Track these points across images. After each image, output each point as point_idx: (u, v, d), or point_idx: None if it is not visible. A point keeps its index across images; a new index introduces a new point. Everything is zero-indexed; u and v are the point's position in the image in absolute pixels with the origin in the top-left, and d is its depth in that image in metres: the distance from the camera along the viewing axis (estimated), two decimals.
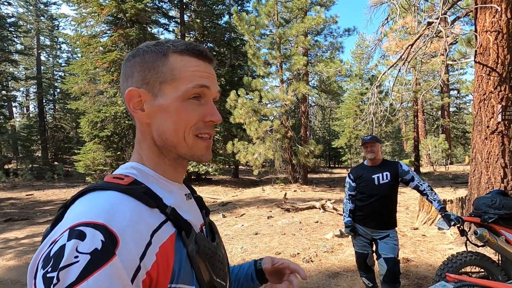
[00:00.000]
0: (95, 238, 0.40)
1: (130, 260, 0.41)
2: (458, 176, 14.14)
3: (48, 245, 0.42)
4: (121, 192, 0.47)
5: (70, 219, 0.43)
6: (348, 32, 13.04)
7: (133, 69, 0.55)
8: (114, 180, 0.50)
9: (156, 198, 0.51)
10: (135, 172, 0.54)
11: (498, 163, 3.91)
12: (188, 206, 0.59)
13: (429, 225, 5.45)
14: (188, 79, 0.53)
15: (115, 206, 0.45)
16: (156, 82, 0.53)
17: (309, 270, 3.64)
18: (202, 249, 0.52)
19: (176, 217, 0.51)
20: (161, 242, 0.47)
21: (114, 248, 0.40)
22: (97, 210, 0.43)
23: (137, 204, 0.47)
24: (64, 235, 0.41)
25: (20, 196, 11.60)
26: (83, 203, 0.46)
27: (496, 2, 3.88)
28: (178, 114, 0.53)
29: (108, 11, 12.09)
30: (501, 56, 3.91)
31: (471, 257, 2.49)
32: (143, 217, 0.46)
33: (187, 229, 0.52)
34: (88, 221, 0.41)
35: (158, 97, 0.53)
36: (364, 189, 2.67)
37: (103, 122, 12.68)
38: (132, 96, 0.54)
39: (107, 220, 0.42)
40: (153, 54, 0.54)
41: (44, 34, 23.93)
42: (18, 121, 26.89)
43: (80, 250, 0.39)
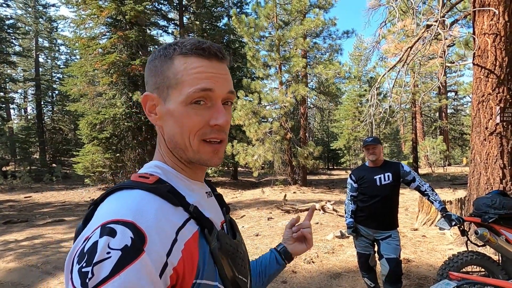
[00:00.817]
0: (125, 235, 0.42)
1: (158, 257, 0.43)
2: (456, 177, 14.21)
3: (82, 241, 0.43)
4: (147, 190, 0.49)
5: (101, 217, 0.45)
6: (346, 34, 13.14)
7: (147, 75, 0.58)
8: (140, 179, 0.52)
9: (179, 197, 0.52)
10: (159, 171, 0.56)
11: (497, 164, 3.95)
12: (209, 204, 0.61)
13: (429, 226, 5.48)
14: (189, 83, 0.52)
15: (142, 204, 0.46)
16: (164, 87, 0.55)
17: (311, 271, 3.66)
18: (224, 246, 0.54)
19: (198, 215, 0.53)
20: (186, 239, 0.48)
21: (142, 245, 0.42)
22: (126, 209, 0.45)
23: (162, 202, 0.49)
24: (96, 232, 0.42)
25: (18, 198, 11.55)
26: (112, 202, 0.48)
27: (494, 5, 3.93)
28: (182, 119, 0.53)
29: (108, 13, 12.11)
30: (499, 58, 3.96)
31: (472, 257, 2.51)
32: (168, 215, 0.48)
33: (209, 226, 0.53)
34: (118, 219, 0.43)
35: (167, 101, 0.55)
36: (366, 190, 2.69)
37: (102, 124, 12.65)
38: (146, 100, 0.56)
39: (136, 218, 0.44)
40: (161, 58, 0.55)
41: (43, 36, 23.89)
42: (16, 123, 26.79)
43: (112, 246, 0.41)
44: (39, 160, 20.89)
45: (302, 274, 3.58)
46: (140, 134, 13.48)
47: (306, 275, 3.54)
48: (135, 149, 13.30)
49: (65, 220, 7.47)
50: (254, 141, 11.25)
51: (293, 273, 3.61)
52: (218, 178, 17.24)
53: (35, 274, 3.94)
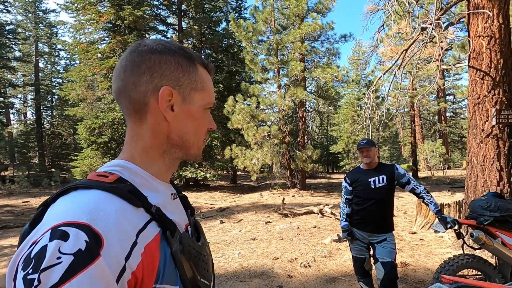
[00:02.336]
0: (79, 239, 0.39)
1: (115, 261, 0.41)
2: (456, 181, 14.17)
3: (28, 245, 0.40)
4: (105, 190, 0.46)
5: (52, 219, 0.42)
6: (344, 38, 13.20)
7: (163, 66, 0.54)
8: (98, 178, 0.49)
9: (141, 197, 0.50)
10: (119, 170, 0.53)
11: (494, 166, 3.93)
12: (173, 205, 0.59)
13: (427, 229, 5.44)
14: (210, 94, 0.61)
15: (99, 205, 0.43)
16: (188, 87, 0.57)
17: (307, 275, 3.62)
18: (187, 249, 0.52)
19: (161, 217, 0.50)
20: (147, 242, 0.46)
21: (98, 249, 0.39)
22: (81, 210, 0.42)
23: (122, 203, 0.46)
24: (45, 236, 0.39)
25: (16, 203, 11.50)
26: (65, 202, 0.45)
27: (488, 8, 3.95)
28: (200, 120, 0.59)
29: (107, 18, 12.20)
30: (494, 60, 3.96)
31: (468, 260, 2.48)
32: (128, 217, 0.45)
33: (172, 228, 0.51)
34: (71, 221, 0.40)
35: (187, 101, 0.57)
36: (361, 192, 2.66)
37: (100, 128, 12.66)
38: (166, 94, 0.54)
39: (91, 220, 0.41)
40: (186, 59, 0.57)
41: (43, 41, 24.02)
42: (16, 128, 26.80)
43: (63, 251, 0.38)
44: (38, 164, 20.85)
45: (298, 278, 3.54)
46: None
47: (302, 280, 3.50)
48: None
49: None
50: (252, 145, 11.25)
51: (289, 277, 3.56)
52: (217, 182, 17.20)
53: None
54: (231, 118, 11.25)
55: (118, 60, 6.63)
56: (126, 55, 0.55)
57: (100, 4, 13.14)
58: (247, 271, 3.79)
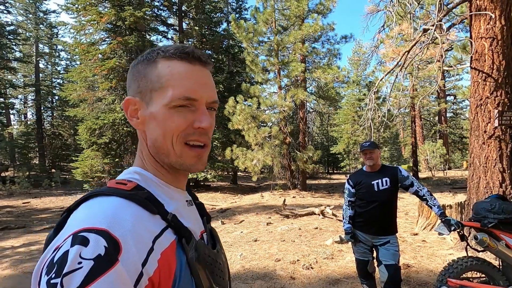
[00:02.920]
0: (98, 244, 0.40)
1: (133, 266, 0.42)
2: (456, 181, 14.16)
3: (51, 251, 0.42)
4: (124, 197, 0.48)
5: (73, 225, 0.43)
6: (345, 39, 13.20)
7: (130, 79, 0.57)
8: (117, 185, 0.51)
9: (158, 204, 0.51)
10: (137, 177, 0.54)
11: (496, 167, 3.93)
12: (188, 213, 0.59)
13: (429, 230, 5.44)
14: (175, 87, 0.52)
15: (118, 212, 0.45)
16: (147, 90, 0.54)
17: (309, 277, 3.61)
18: (202, 257, 0.52)
19: (176, 224, 0.51)
20: (163, 249, 0.47)
21: (117, 254, 0.40)
22: (100, 216, 0.43)
23: (139, 210, 0.47)
24: (67, 241, 0.41)
25: (16, 204, 11.50)
26: (86, 209, 0.46)
27: (490, 10, 3.95)
28: (165, 121, 0.52)
29: (107, 19, 12.20)
30: (496, 62, 3.96)
31: (472, 262, 2.47)
32: (145, 224, 0.47)
33: (187, 236, 0.52)
34: (91, 227, 0.41)
35: (149, 105, 0.54)
36: (364, 195, 2.66)
37: (101, 129, 12.65)
38: (128, 104, 0.56)
39: (110, 226, 0.42)
40: (145, 62, 0.55)
41: (43, 42, 24.04)
42: (16, 129, 26.79)
43: (84, 256, 0.39)
44: (38, 165, 20.85)
45: (301, 280, 3.53)
46: None
47: (304, 281, 3.49)
48: (134, 154, 13.21)
49: None
50: (253, 146, 11.24)
51: (291, 279, 3.56)
52: (218, 182, 17.18)
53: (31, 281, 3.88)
54: (231, 119, 11.25)
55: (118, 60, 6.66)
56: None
57: (101, 5, 13.15)
58: (249, 272, 3.79)
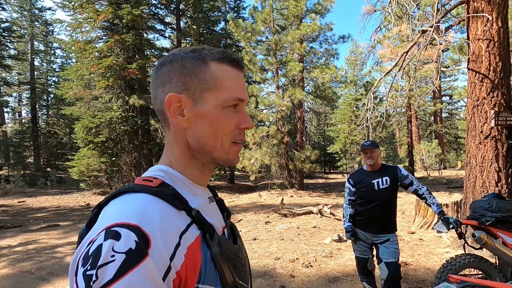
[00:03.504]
0: (130, 239, 0.42)
1: (161, 260, 0.43)
2: (452, 181, 14.33)
3: (86, 244, 0.44)
4: (151, 194, 0.49)
5: (105, 220, 0.45)
6: (342, 39, 13.26)
7: (171, 75, 0.56)
8: (144, 182, 0.52)
9: (182, 201, 0.52)
10: (162, 175, 0.56)
11: (492, 167, 4.00)
12: (211, 209, 0.61)
13: (426, 229, 5.51)
14: (229, 90, 0.56)
15: (147, 208, 0.47)
16: (198, 89, 0.55)
17: (309, 275, 3.64)
18: (225, 251, 0.54)
19: (201, 220, 0.53)
20: (189, 243, 0.48)
21: (146, 248, 0.42)
22: (130, 212, 0.45)
23: (166, 206, 0.49)
24: (101, 235, 0.43)
25: (12, 203, 11.38)
26: (117, 205, 0.48)
27: (488, 11, 4.00)
28: (217, 121, 0.56)
29: (104, 17, 12.11)
30: (493, 63, 4.02)
31: (470, 260, 2.52)
32: (172, 219, 0.48)
33: (211, 231, 0.53)
34: (122, 222, 0.43)
35: (199, 103, 0.55)
36: (364, 194, 2.69)
37: (98, 128, 12.57)
38: (173, 101, 0.55)
39: (140, 222, 0.44)
40: (193, 60, 0.56)
41: (39, 39, 23.79)
42: (10, 127, 26.49)
43: (116, 250, 0.41)
44: (34, 164, 20.64)
45: (301, 278, 3.56)
46: (136, 138, 13.40)
47: (304, 279, 3.52)
48: (131, 153, 13.22)
49: (59, 225, 7.37)
50: (251, 145, 11.26)
51: (291, 277, 3.59)
52: (215, 182, 17.17)
53: (29, 280, 3.87)
54: None
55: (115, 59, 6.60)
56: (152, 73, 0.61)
57: (98, 3, 13.05)
58: None
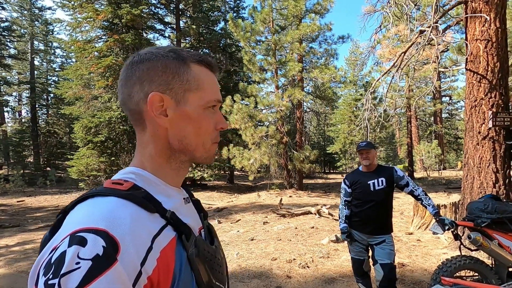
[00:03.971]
0: (97, 244, 0.40)
1: (131, 266, 0.42)
2: (451, 181, 14.31)
3: (48, 252, 0.42)
4: (120, 197, 0.48)
5: (70, 225, 0.43)
6: (342, 39, 13.25)
7: (151, 73, 0.54)
8: (113, 185, 0.50)
9: (155, 203, 0.51)
10: (133, 177, 0.54)
11: (490, 168, 3.99)
12: (186, 210, 0.60)
13: (424, 230, 5.50)
14: (209, 91, 0.58)
15: (116, 212, 0.45)
16: (181, 89, 0.55)
17: (306, 276, 3.63)
18: (202, 252, 0.53)
19: (176, 221, 0.52)
20: (162, 247, 0.47)
21: (115, 254, 0.41)
22: (98, 216, 0.43)
23: (137, 209, 0.47)
24: (64, 242, 0.41)
25: (11, 202, 11.38)
26: (83, 209, 0.46)
27: (486, 12, 3.99)
28: (199, 121, 0.57)
29: (104, 17, 12.10)
30: (491, 63, 4.01)
31: (465, 261, 2.51)
32: (143, 222, 0.47)
33: (187, 232, 0.52)
34: (89, 227, 0.41)
35: (181, 103, 0.55)
36: (360, 195, 2.69)
37: (97, 127, 12.56)
38: (155, 101, 0.54)
39: (108, 226, 0.42)
40: (175, 61, 0.55)
41: (38, 39, 23.79)
42: (10, 126, 26.51)
43: (82, 256, 0.39)
44: (33, 163, 20.64)
45: (297, 279, 3.55)
46: (136, 137, 13.39)
47: (300, 280, 3.51)
48: (130, 153, 13.20)
49: None
50: (250, 145, 11.25)
51: (287, 278, 3.58)
52: (214, 182, 17.18)
53: (26, 280, 3.84)
54: (228, 118, 11.24)
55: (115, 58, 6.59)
56: (123, 69, 0.58)
57: (98, 2, 13.04)
58: (245, 271, 3.80)
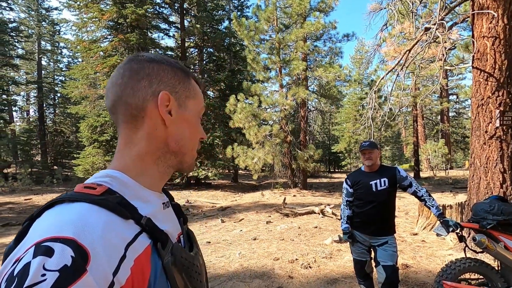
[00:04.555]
0: (64, 254, 0.37)
1: (103, 276, 0.39)
2: (458, 181, 14.10)
3: (11, 263, 0.39)
4: (92, 203, 0.45)
5: (36, 234, 0.40)
6: (347, 37, 13.14)
7: (161, 73, 0.57)
8: (85, 190, 0.48)
9: (131, 208, 0.48)
10: (109, 181, 0.51)
11: (497, 168, 3.90)
12: (165, 215, 0.57)
13: (429, 230, 5.42)
14: (202, 102, 0.64)
15: (86, 218, 0.42)
16: (183, 94, 0.59)
17: (308, 276, 3.61)
18: (179, 260, 0.51)
19: (151, 228, 0.49)
20: (136, 255, 0.45)
21: (85, 264, 0.38)
22: (66, 224, 0.41)
23: (109, 215, 0.45)
24: (29, 252, 0.38)
25: (18, 200, 11.56)
26: (50, 216, 0.43)
27: (493, 8, 3.90)
28: (194, 127, 0.61)
29: (109, 17, 12.20)
30: (498, 61, 3.92)
31: (470, 264, 2.46)
32: (116, 230, 0.44)
33: (163, 239, 0.50)
34: (56, 236, 0.39)
35: (182, 107, 0.58)
36: (362, 195, 2.64)
37: (102, 127, 12.69)
38: (165, 99, 0.55)
39: (77, 234, 0.40)
40: (181, 70, 0.60)
41: (45, 39, 24.08)
42: (18, 125, 26.90)
43: (48, 268, 0.36)
44: (40, 162, 20.95)
45: (299, 279, 3.53)
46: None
47: (302, 281, 3.49)
48: None
49: None
50: (254, 144, 11.23)
51: (289, 278, 3.56)
52: (219, 181, 17.22)
53: None
54: (232, 117, 11.24)
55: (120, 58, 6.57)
56: (123, 63, 0.57)
57: (103, 2, 13.15)
58: (247, 271, 3.79)
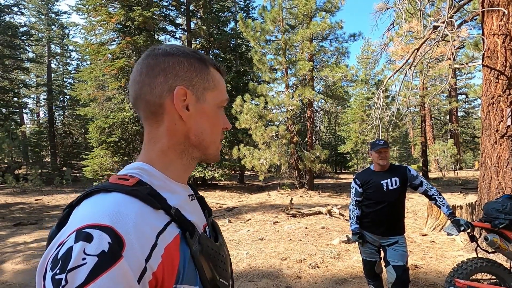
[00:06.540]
0: (102, 240, 0.40)
1: (136, 262, 0.42)
2: (468, 182, 13.87)
3: (55, 247, 0.42)
4: (126, 193, 0.48)
5: (76, 221, 0.44)
6: (353, 37, 13.06)
7: (176, 67, 0.56)
8: (119, 181, 0.51)
9: (160, 199, 0.51)
10: (139, 172, 0.54)
11: (509, 167, 3.83)
12: (191, 206, 0.60)
13: (438, 231, 5.35)
14: (222, 92, 0.62)
15: (121, 208, 0.45)
16: (201, 87, 0.58)
17: (316, 276, 3.60)
18: (206, 249, 0.53)
19: (180, 218, 0.52)
20: (166, 243, 0.47)
21: (120, 250, 0.41)
22: (103, 212, 0.44)
23: (142, 205, 0.48)
24: (71, 237, 0.41)
25: (29, 201, 11.78)
26: (89, 205, 0.47)
27: (503, 5, 3.84)
28: (214, 119, 0.60)
29: (117, 19, 12.37)
30: (509, 59, 3.86)
31: (482, 264, 2.42)
32: (148, 219, 0.47)
33: (191, 229, 0.52)
34: (95, 223, 0.42)
35: (200, 100, 0.58)
36: (372, 195, 2.60)
37: (110, 128, 12.86)
38: (181, 94, 0.56)
39: (113, 222, 0.43)
40: (198, 60, 0.59)
41: (55, 42, 24.52)
42: (29, 127, 27.44)
43: (88, 252, 0.39)
44: (50, 163, 21.32)
45: (307, 279, 3.52)
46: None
47: (310, 281, 3.48)
48: None
49: None
50: (260, 145, 11.24)
51: (297, 278, 3.55)
52: (225, 181, 17.25)
53: None
54: (239, 118, 11.27)
55: (127, 60, 6.69)
56: (141, 59, 0.58)
57: (111, 6, 13.34)
58: (255, 271, 3.80)
